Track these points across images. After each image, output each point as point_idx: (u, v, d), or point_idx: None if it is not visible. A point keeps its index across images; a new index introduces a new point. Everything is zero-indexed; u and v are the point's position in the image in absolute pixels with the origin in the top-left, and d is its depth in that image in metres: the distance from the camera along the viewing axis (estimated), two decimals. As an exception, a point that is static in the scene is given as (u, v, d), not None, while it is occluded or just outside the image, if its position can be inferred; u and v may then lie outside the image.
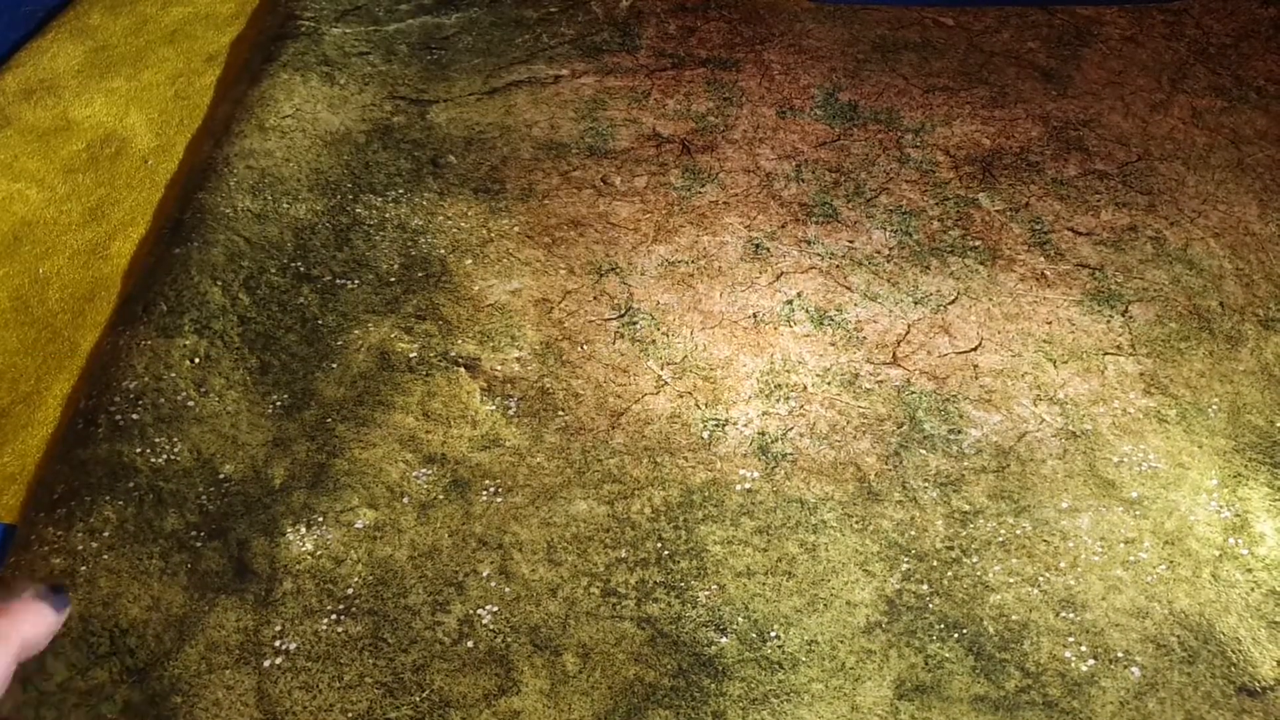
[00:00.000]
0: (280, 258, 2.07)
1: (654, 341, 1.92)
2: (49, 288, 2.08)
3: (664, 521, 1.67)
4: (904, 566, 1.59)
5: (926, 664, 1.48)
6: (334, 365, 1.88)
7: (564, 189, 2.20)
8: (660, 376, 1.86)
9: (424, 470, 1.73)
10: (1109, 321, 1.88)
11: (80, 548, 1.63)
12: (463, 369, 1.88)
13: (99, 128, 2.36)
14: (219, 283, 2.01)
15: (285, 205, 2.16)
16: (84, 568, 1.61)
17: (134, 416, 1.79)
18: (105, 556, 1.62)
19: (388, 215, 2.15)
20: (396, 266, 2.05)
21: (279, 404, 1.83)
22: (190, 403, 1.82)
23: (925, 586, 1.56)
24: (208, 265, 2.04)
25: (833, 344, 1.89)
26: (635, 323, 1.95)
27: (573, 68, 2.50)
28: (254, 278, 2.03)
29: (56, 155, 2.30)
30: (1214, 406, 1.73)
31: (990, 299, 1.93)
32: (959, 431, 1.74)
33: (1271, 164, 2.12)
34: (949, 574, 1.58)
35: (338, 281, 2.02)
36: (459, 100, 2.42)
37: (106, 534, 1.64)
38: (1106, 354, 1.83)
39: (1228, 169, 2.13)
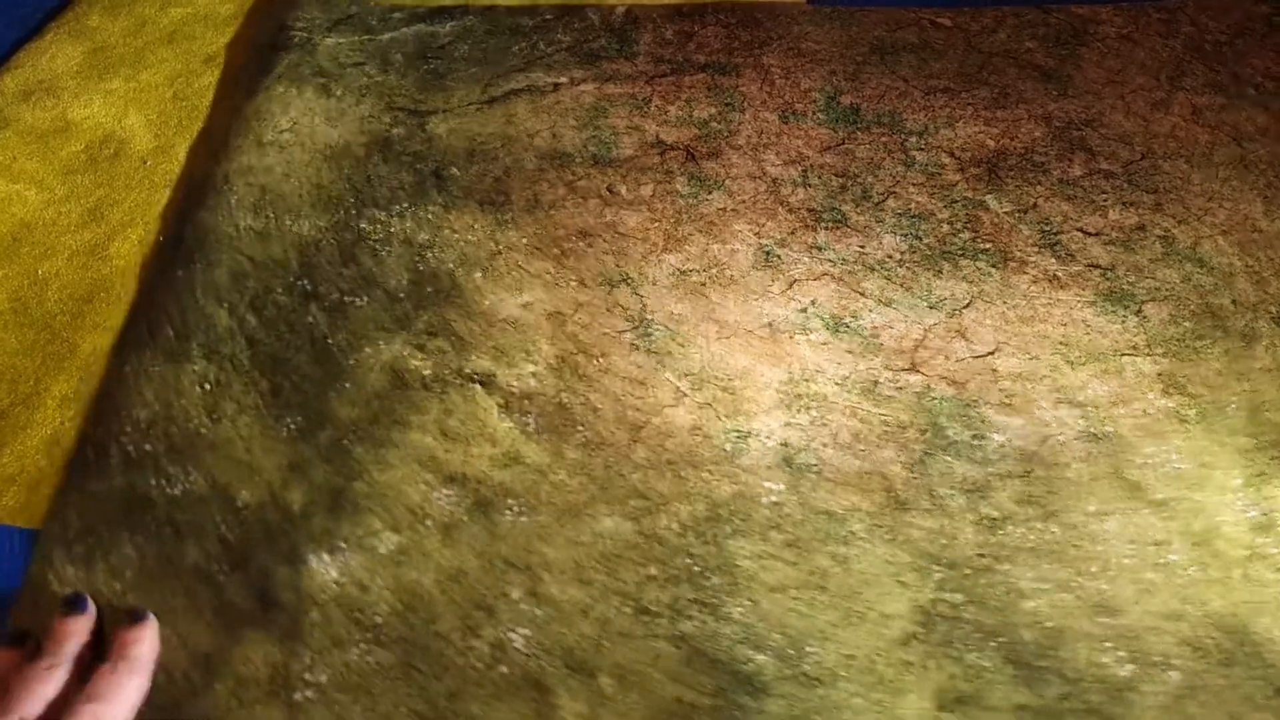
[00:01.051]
0: (286, 276, 2.03)
1: (670, 353, 1.90)
2: (48, 289, 2.06)
3: (692, 537, 1.65)
4: (936, 576, 1.59)
5: (966, 674, 1.48)
6: (347, 385, 1.85)
7: (570, 199, 2.18)
8: (679, 388, 1.85)
9: (445, 491, 1.71)
10: (1124, 322, 1.88)
11: (104, 589, 1.59)
12: (478, 385, 1.85)
13: (98, 129, 2.33)
14: (225, 304, 1.97)
15: (288, 222, 2.13)
16: (109, 612, 1.57)
17: (147, 447, 1.75)
18: (129, 597, 1.58)
19: (393, 230, 2.12)
20: (405, 282, 2.02)
21: (293, 427, 1.79)
22: (203, 430, 1.78)
23: (959, 595, 1.56)
24: (212, 287, 2.00)
25: (850, 351, 1.88)
26: (650, 334, 1.93)
27: (571, 75, 2.48)
28: (260, 298, 1.99)
29: (55, 156, 2.27)
30: (1233, 405, 1.74)
31: (1004, 302, 1.93)
32: (982, 437, 1.74)
33: (1275, 160, 2.14)
34: (982, 581, 1.58)
35: (346, 299, 1.99)
36: (458, 110, 2.39)
37: (129, 574, 1.60)
38: (1123, 355, 1.84)
39: (1231, 166, 2.14)
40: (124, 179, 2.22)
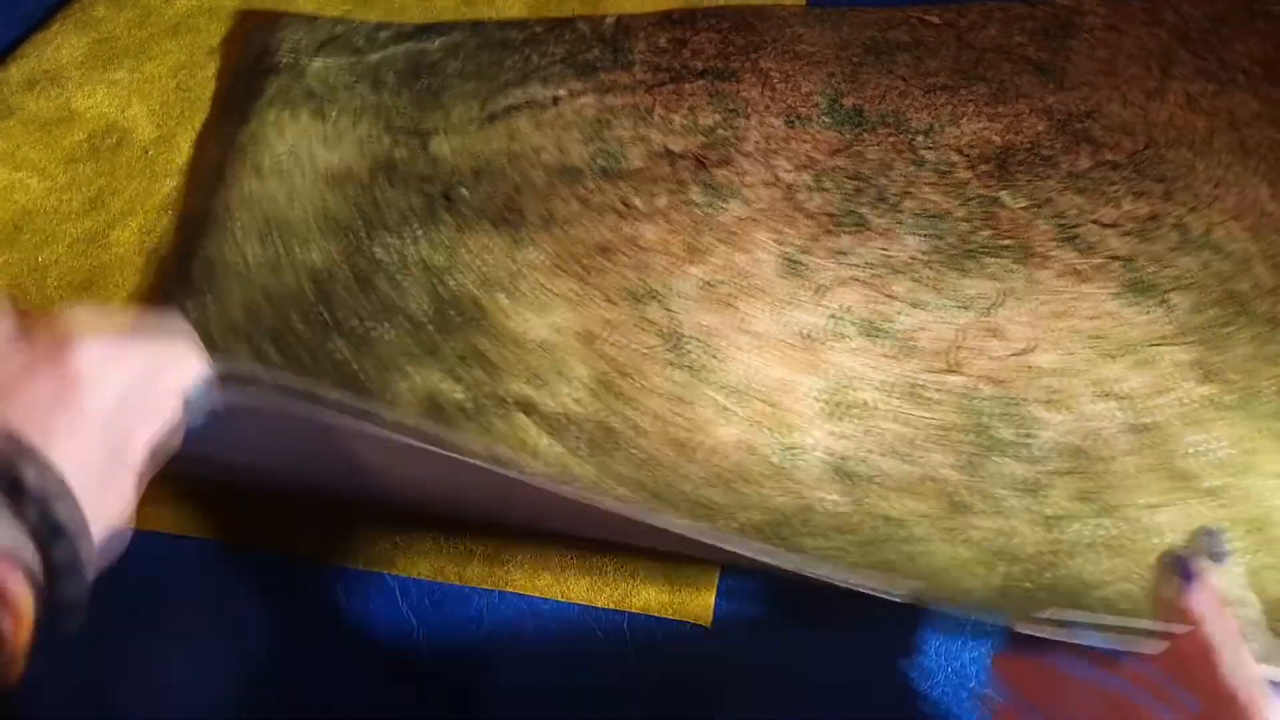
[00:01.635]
0: (302, 308, 1.97)
1: (707, 368, 1.88)
2: (47, 275, 2.05)
3: (755, 537, 1.64)
4: (1002, 570, 1.59)
5: (1044, 674, 1.49)
6: (385, 418, 1.80)
7: (585, 215, 2.14)
8: (722, 404, 1.83)
9: (499, 522, 1.68)
10: (1151, 312, 1.91)
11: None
12: (520, 412, 1.81)
13: (101, 118, 2.30)
14: (244, 340, 1.90)
15: (298, 252, 2.06)
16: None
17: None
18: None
19: (408, 255, 2.06)
20: (429, 309, 1.97)
21: (331, 466, 1.74)
22: (238, 473, 1.72)
23: (1029, 584, 1.57)
24: (228, 322, 1.93)
25: (887, 356, 1.88)
26: (685, 349, 1.91)
27: (569, 88, 2.44)
28: (280, 331, 1.92)
29: (58, 145, 2.24)
30: (1268, 389, 1.78)
31: (1034, 298, 1.95)
32: (1031, 435, 1.75)
33: (1273, 144, 2.19)
34: (1047, 575, 1.58)
35: (369, 328, 1.93)
36: (459, 129, 2.34)
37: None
38: (1155, 345, 1.86)
39: (1232, 152, 2.19)
40: (125, 168, 2.22)
